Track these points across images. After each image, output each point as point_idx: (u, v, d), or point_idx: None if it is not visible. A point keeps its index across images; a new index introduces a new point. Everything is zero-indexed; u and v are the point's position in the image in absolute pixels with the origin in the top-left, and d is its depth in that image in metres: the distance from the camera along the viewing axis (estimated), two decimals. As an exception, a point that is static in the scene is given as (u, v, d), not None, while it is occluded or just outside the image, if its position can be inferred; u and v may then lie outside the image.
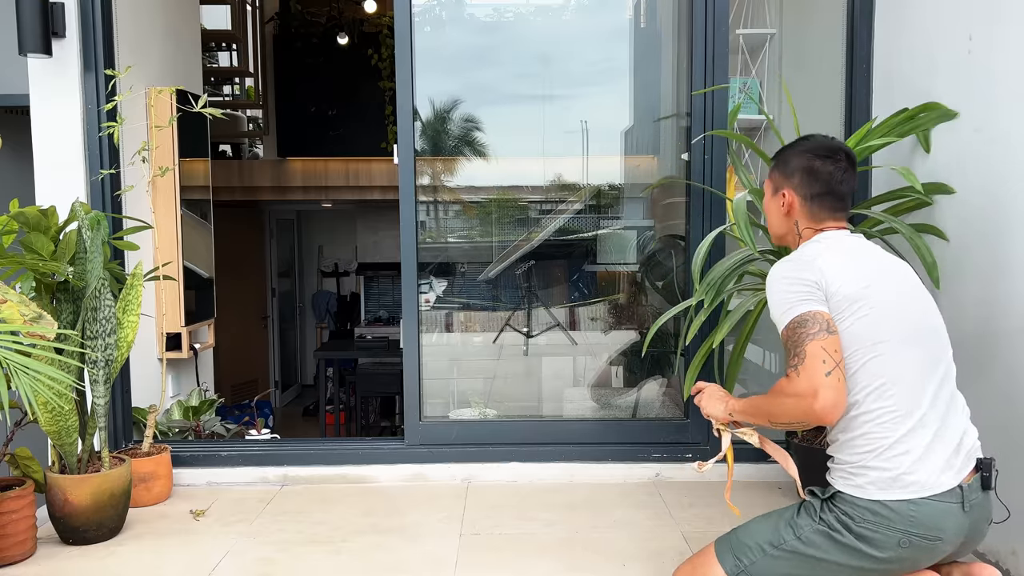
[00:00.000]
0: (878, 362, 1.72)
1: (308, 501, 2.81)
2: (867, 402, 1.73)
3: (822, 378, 1.66)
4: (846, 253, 1.84)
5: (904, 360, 1.73)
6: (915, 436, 1.70)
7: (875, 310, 1.74)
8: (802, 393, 1.68)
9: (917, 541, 1.67)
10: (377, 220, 8.18)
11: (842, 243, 1.88)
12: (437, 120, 3.90)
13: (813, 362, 1.68)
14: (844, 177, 1.92)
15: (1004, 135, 2.22)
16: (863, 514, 1.70)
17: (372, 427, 6.43)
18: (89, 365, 2.51)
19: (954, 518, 1.68)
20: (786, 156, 2.00)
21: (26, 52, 2.83)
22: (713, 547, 1.89)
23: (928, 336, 1.80)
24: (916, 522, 1.67)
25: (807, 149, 1.96)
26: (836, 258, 1.81)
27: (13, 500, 2.30)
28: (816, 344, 1.69)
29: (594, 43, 3.89)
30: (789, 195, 1.96)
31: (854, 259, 1.83)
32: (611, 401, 3.69)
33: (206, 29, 5.91)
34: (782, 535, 1.79)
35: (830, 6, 3.08)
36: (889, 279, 1.82)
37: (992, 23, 2.28)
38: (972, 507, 1.70)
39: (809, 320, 1.72)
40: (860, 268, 1.80)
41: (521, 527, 2.56)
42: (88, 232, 2.48)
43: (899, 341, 1.74)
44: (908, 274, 1.89)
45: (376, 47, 6.58)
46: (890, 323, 1.74)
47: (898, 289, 1.81)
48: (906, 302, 1.81)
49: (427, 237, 3.99)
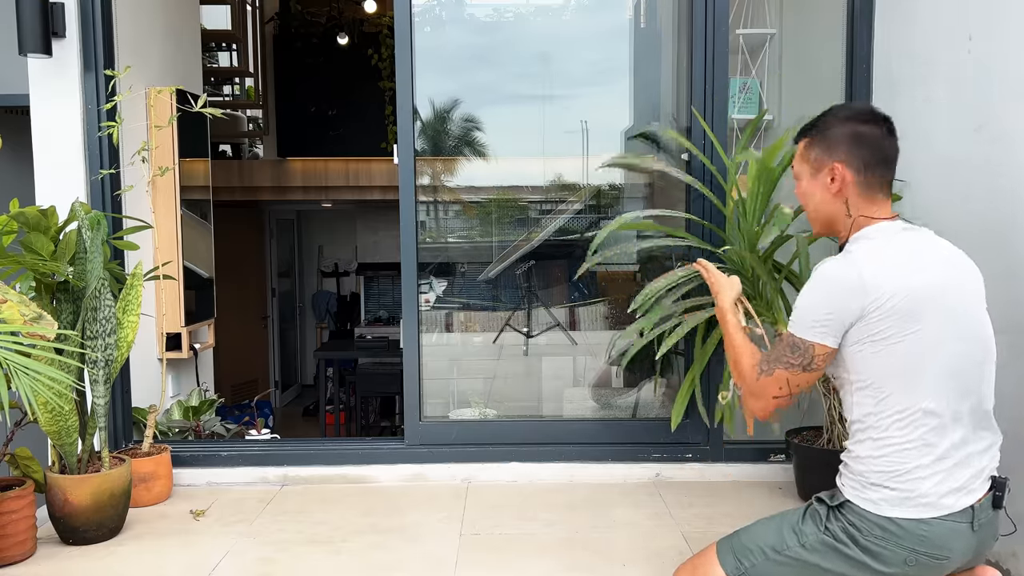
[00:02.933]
0: (912, 393, 1.64)
1: (308, 501, 2.81)
2: (893, 429, 1.66)
3: (768, 399, 1.78)
4: (902, 259, 1.68)
5: (942, 391, 1.65)
6: (937, 465, 1.64)
7: (918, 335, 1.63)
8: (750, 390, 1.82)
9: (924, 560, 1.63)
10: (377, 220, 8.19)
11: (899, 242, 1.71)
12: (437, 120, 3.90)
13: (772, 384, 1.76)
14: (890, 141, 1.77)
15: (1005, 134, 2.22)
16: (871, 528, 1.66)
17: (372, 427, 6.43)
18: (89, 365, 2.51)
19: (963, 538, 1.64)
20: (825, 127, 1.79)
21: (26, 52, 2.83)
22: (715, 548, 1.87)
23: (974, 362, 1.70)
24: (925, 541, 1.63)
25: (848, 116, 1.78)
26: (888, 267, 1.66)
27: (13, 500, 2.29)
28: (785, 374, 1.74)
29: (594, 43, 3.89)
30: (840, 170, 1.75)
31: (909, 270, 1.66)
32: (611, 401, 3.69)
33: (206, 29, 5.91)
34: (785, 540, 1.75)
35: (830, 6, 3.08)
36: (947, 295, 1.67)
37: (992, 23, 2.28)
38: (981, 526, 1.66)
39: (801, 350, 1.71)
40: (912, 282, 1.64)
41: (521, 527, 2.56)
42: (88, 232, 2.48)
43: (941, 371, 1.65)
44: (968, 282, 1.73)
45: (376, 47, 6.59)
46: (935, 351, 1.64)
47: (955, 305, 1.68)
48: (959, 324, 1.68)
49: (427, 237, 3.99)
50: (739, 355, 1.89)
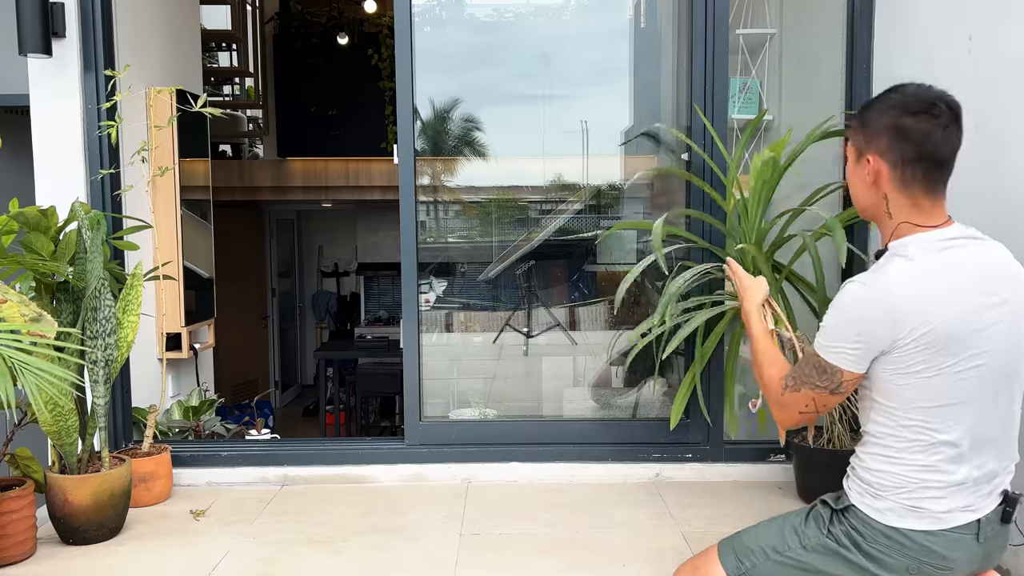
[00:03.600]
0: (933, 423, 1.58)
1: (308, 501, 2.81)
2: (908, 452, 1.61)
3: (795, 415, 1.74)
4: (944, 282, 1.55)
5: (967, 425, 1.58)
6: (953, 490, 1.60)
7: (952, 367, 1.55)
8: (776, 401, 1.77)
9: (928, 570, 1.61)
10: (377, 220, 8.19)
11: (943, 261, 1.58)
12: (437, 120, 3.90)
13: (799, 400, 1.71)
14: (944, 136, 1.58)
15: (1004, 133, 2.22)
16: (876, 536, 1.63)
17: (372, 427, 6.43)
18: (89, 365, 2.51)
19: (967, 549, 1.61)
20: (870, 113, 1.66)
21: (26, 52, 2.83)
22: (716, 548, 1.86)
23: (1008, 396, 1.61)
24: (930, 552, 1.60)
25: (896, 104, 1.62)
26: (925, 293, 1.54)
27: (13, 500, 2.30)
28: (812, 394, 1.68)
29: (594, 43, 3.89)
30: (875, 161, 1.64)
31: (949, 294, 1.54)
32: (611, 401, 3.69)
33: (206, 29, 5.91)
34: (787, 541, 1.73)
35: (830, 6, 3.08)
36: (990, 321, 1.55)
37: (992, 22, 2.28)
38: (987, 539, 1.62)
39: (829, 374, 1.63)
40: (950, 311, 1.53)
41: (521, 527, 2.56)
42: (88, 232, 2.48)
43: (969, 404, 1.57)
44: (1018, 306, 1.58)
45: (376, 47, 6.59)
46: (967, 384, 1.56)
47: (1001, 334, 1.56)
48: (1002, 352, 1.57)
49: (427, 237, 3.99)
50: (765, 363, 1.83)
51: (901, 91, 1.64)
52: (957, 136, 1.61)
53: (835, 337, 1.62)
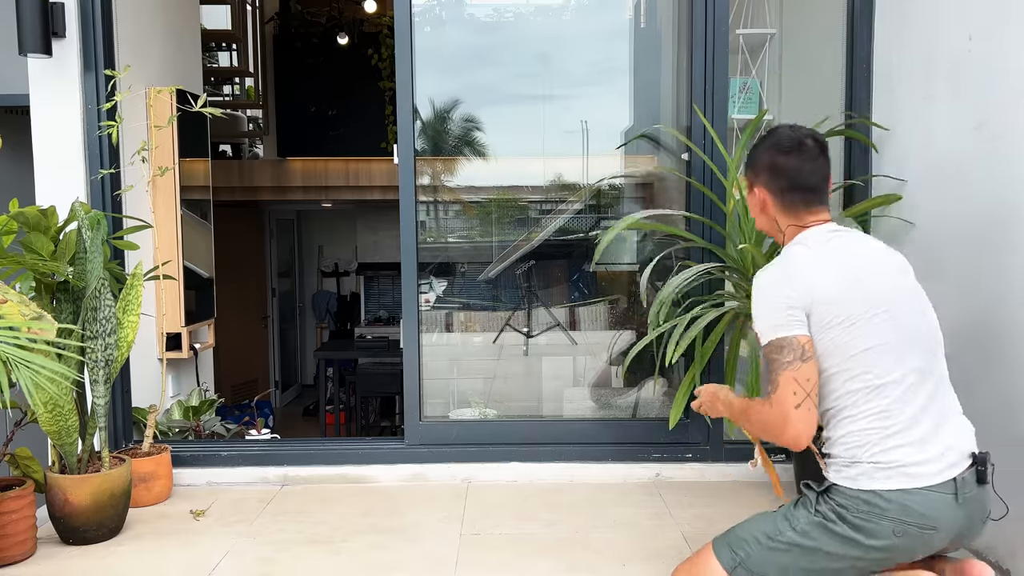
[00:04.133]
0: (868, 365, 1.74)
1: (308, 501, 2.81)
2: (856, 404, 1.75)
3: (791, 410, 1.73)
4: (830, 255, 1.82)
5: (896, 361, 1.74)
6: (908, 433, 1.72)
7: (863, 315, 1.74)
8: (773, 422, 1.77)
9: (911, 531, 1.69)
10: (377, 220, 8.18)
11: (829, 243, 1.85)
12: (437, 120, 3.90)
13: (784, 394, 1.74)
14: (812, 167, 1.89)
15: (1005, 133, 2.22)
16: (857, 504, 1.72)
17: (372, 427, 6.43)
18: (89, 365, 2.51)
19: (948, 509, 1.70)
20: (753, 153, 2.00)
21: (26, 52, 2.83)
22: (710, 544, 1.91)
23: (921, 336, 1.80)
24: (909, 511, 1.69)
25: (771, 145, 1.95)
26: (820, 263, 1.80)
27: (13, 500, 2.30)
28: (789, 375, 1.74)
29: (594, 43, 3.89)
30: (760, 192, 1.97)
31: (841, 261, 1.81)
32: (611, 401, 3.69)
33: (206, 29, 5.91)
34: (778, 527, 1.81)
35: (830, 6, 3.08)
36: (880, 279, 1.81)
37: (992, 22, 2.28)
38: (966, 500, 1.72)
39: (785, 347, 1.76)
40: (846, 271, 1.79)
41: (521, 527, 2.56)
42: (88, 232, 2.48)
43: (890, 345, 1.74)
44: (903, 272, 1.87)
45: (376, 47, 6.58)
46: (881, 328, 1.75)
47: (890, 289, 1.80)
48: (899, 303, 1.79)
49: (427, 237, 3.99)
50: (754, 411, 1.87)
51: (776, 133, 1.96)
52: (824, 165, 1.92)
53: (770, 317, 1.80)
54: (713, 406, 2.07)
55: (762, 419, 1.81)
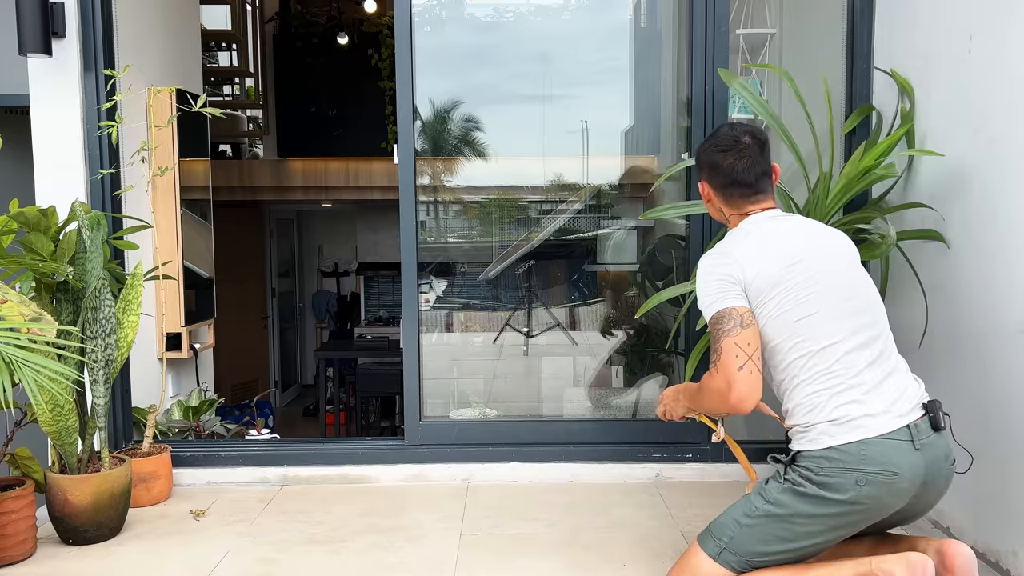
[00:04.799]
0: (807, 333, 1.84)
1: (308, 501, 2.81)
2: (802, 371, 1.85)
3: (735, 372, 1.82)
4: (767, 236, 1.94)
5: (833, 328, 1.84)
6: (854, 390, 1.81)
7: (799, 287, 1.85)
8: (719, 388, 1.85)
9: (873, 478, 1.76)
10: (377, 220, 8.18)
11: (764, 227, 1.97)
12: (437, 120, 3.90)
13: (727, 358, 1.83)
14: (748, 165, 1.99)
15: (1005, 134, 2.22)
16: (819, 463, 1.80)
17: (372, 427, 6.43)
18: (89, 365, 2.51)
19: (906, 455, 1.77)
20: (696, 152, 2.13)
21: (26, 52, 2.83)
22: (696, 540, 1.97)
23: (858, 305, 1.89)
24: (867, 459, 1.76)
25: (710, 144, 2.07)
26: (755, 244, 1.92)
27: (13, 500, 2.29)
28: (730, 340, 1.84)
29: (594, 43, 3.89)
30: (704, 187, 2.11)
31: (775, 241, 1.92)
32: (611, 401, 3.69)
33: (206, 29, 5.91)
34: (753, 504, 1.89)
35: (830, 5, 3.07)
36: (815, 255, 1.90)
37: (993, 22, 2.28)
38: (924, 446, 1.79)
39: (725, 317, 1.86)
40: (782, 249, 1.90)
41: (521, 527, 2.56)
42: (88, 232, 2.48)
43: (827, 313, 1.85)
44: (839, 248, 1.97)
45: (376, 47, 6.58)
46: (817, 298, 1.85)
47: (825, 265, 1.90)
48: (833, 276, 1.89)
49: (427, 237, 3.99)
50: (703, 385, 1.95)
51: (717, 133, 2.08)
52: (762, 162, 2.01)
53: (710, 295, 1.91)
54: (674, 405, 2.17)
55: (710, 388, 1.88)
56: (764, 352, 1.90)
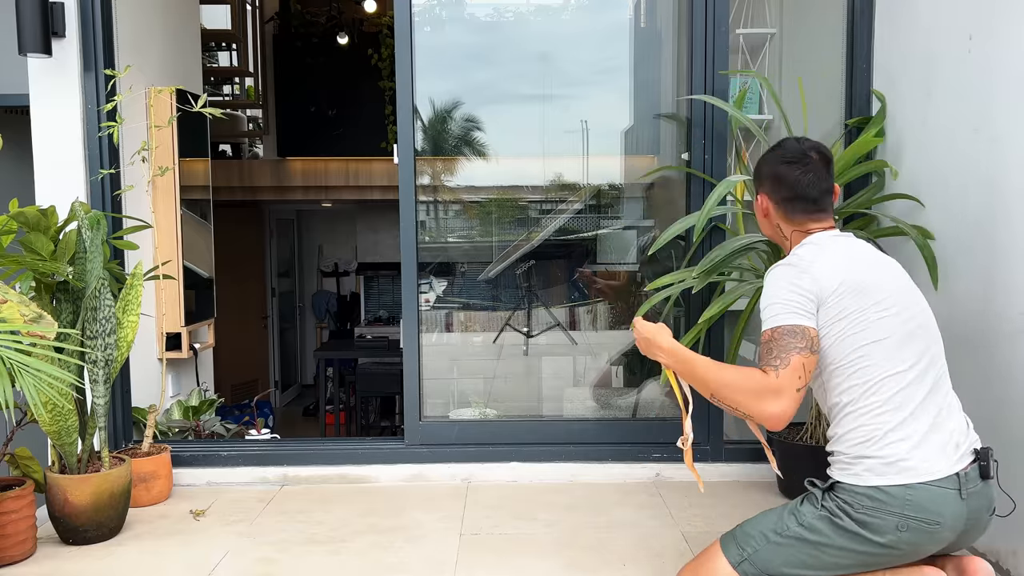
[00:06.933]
0: (872, 359, 1.78)
1: (308, 501, 2.81)
2: (861, 398, 1.78)
3: (793, 390, 1.75)
4: (840, 255, 1.88)
5: (898, 357, 1.78)
6: (909, 426, 1.74)
7: (870, 310, 1.79)
8: (768, 388, 1.75)
9: (915, 525, 1.70)
10: (377, 220, 8.18)
11: (835, 244, 1.92)
12: (437, 120, 3.90)
13: (792, 373, 1.75)
14: (813, 180, 1.94)
15: (1005, 134, 2.22)
16: (861, 500, 1.74)
17: (372, 427, 6.43)
18: (89, 365, 2.51)
19: (952, 504, 1.71)
20: (759, 163, 2.06)
21: (26, 52, 2.83)
22: (718, 542, 1.93)
23: (921, 333, 1.84)
24: (913, 506, 1.70)
25: (775, 155, 2.01)
26: (831, 261, 1.86)
27: (13, 500, 2.29)
28: (800, 359, 1.76)
29: (594, 43, 3.89)
30: (763, 200, 2.04)
31: (849, 260, 1.87)
32: (611, 401, 3.69)
33: (206, 29, 5.91)
34: (785, 522, 1.83)
35: (830, 6, 3.08)
36: (884, 279, 1.86)
37: (992, 22, 2.28)
38: (970, 495, 1.73)
39: (800, 334, 1.78)
40: (854, 270, 1.84)
41: (521, 527, 2.56)
42: (88, 232, 2.48)
43: (894, 339, 1.79)
44: (901, 272, 1.93)
45: (376, 47, 6.59)
46: (885, 322, 1.79)
47: (893, 287, 1.85)
48: (901, 301, 1.84)
49: (427, 237, 3.99)
50: (727, 373, 1.84)
51: (783, 145, 2.02)
52: (826, 178, 1.96)
53: (781, 300, 1.82)
54: (648, 350, 2.02)
55: (755, 381, 1.77)
56: (823, 372, 1.85)
